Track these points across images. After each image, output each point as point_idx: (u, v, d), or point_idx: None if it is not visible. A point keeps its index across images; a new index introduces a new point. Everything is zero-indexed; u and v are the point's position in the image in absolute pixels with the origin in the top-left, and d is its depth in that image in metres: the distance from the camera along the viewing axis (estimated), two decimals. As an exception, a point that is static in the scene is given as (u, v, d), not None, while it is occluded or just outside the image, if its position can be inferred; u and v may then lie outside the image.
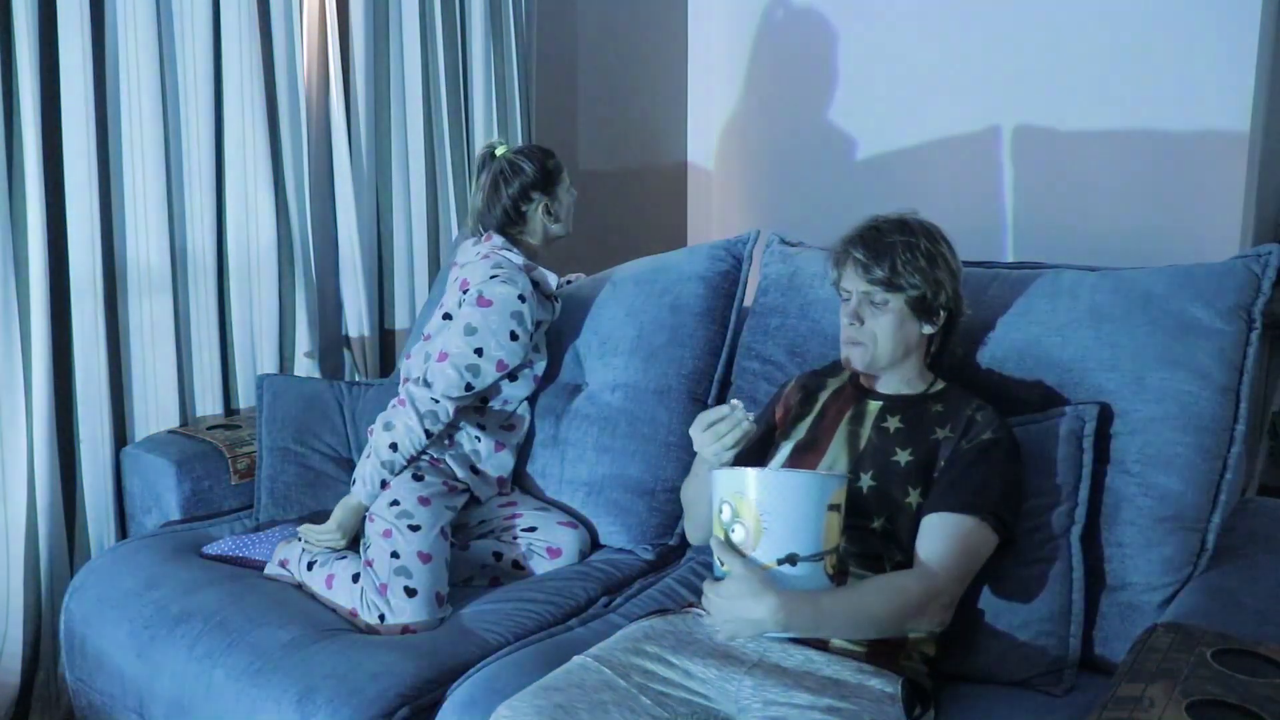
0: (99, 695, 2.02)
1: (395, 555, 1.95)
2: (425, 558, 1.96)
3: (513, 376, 2.21)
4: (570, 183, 2.29)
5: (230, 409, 2.60)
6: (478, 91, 3.00)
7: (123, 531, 2.39)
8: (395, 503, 2.03)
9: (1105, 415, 1.74)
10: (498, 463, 2.22)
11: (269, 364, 2.62)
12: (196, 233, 2.48)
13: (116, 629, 1.97)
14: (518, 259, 2.18)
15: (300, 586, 2.03)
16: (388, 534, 1.99)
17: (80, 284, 2.28)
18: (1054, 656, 1.65)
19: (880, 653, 1.55)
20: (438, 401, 2.08)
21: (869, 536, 1.62)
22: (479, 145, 3.01)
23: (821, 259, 2.12)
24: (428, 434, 2.08)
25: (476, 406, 2.21)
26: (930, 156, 3.37)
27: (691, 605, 1.70)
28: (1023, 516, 1.67)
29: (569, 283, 2.52)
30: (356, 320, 2.81)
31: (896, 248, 1.64)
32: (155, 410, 2.45)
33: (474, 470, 2.19)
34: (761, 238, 2.32)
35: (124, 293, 2.37)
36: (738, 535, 1.47)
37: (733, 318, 2.27)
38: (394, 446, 2.06)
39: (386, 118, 2.82)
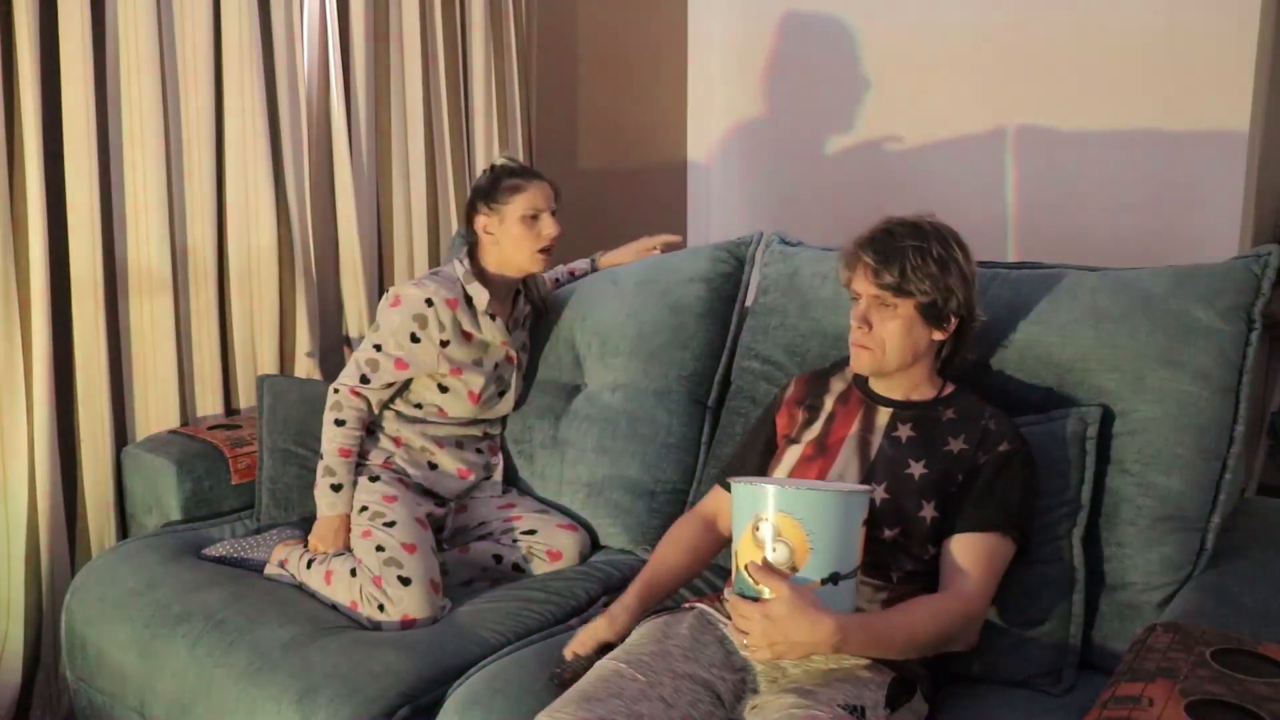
0: (100, 694, 2.02)
1: (381, 549, 1.99)
2: (410, 548, 1.99)
3: (443, 388, 2.21)
4: (531, 214, 2.16)
5: (231, 409, 2.60)
6: (478, 91, 3.00)
7: (123, 531, 2.39)
8: (364, 508, 2.08)
9: (1106, 416, 1.74)
10: (453, 458, 2.24)
11: (269, 364, 2.62)
12: (197, 233, 2.48)
13: (117, 628, 1.97)
14: (457, 271, 2.20)
15: (300, 586, 2.04)
16: (367, 534, 2.03)
17: (81, 284, 2.28)
18: (1054, 656, 1.65)
19: (879, 652, 1.55)
20: (337, 391, 2.16)
21: (878, 547, 1.61)
22: (479, 145, 3.02)
23: (821, 259, 2.13)
24: (337, 423, 2.14)
25: (411, 412, 2.23)
26: (930, 156, 3.37)
27: (693, 603, 1.70)
28: (1027, 519, 1.68)
29: (570, 277, 2.52)
30: (356, 320, 2.81)
31: (907, 252, 1.61)
32: (156, 410, 2.45)
33: (430, 466, 2.22)
34: (762, 239, 2.32)
35: (124, 293, 2.38)
36: (778, 554, 1.43)
37: (734, 319, 2.27)
38: (329, 442, 2.15)
39: (386, 118, 2.82)
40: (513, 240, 2.18)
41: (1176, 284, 1.78)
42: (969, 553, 1.56)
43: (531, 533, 2.16)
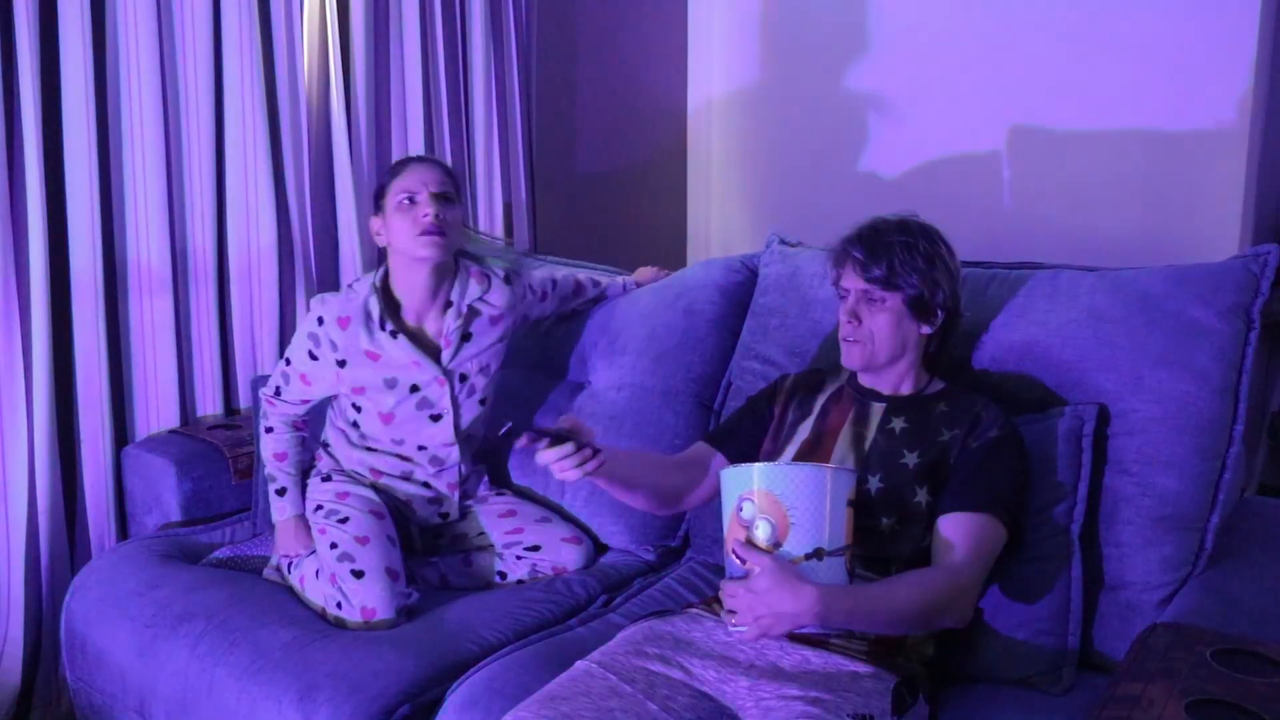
0: (100, 695, 2.02)
1: (334, 546, 1.97)
2: (363, 540, 1.97)
3: (357, 407, 2.09)
4: (407, 198, 1.97)
5: (230, 409, 2.60)
6: (478, 91, 3.00)
7: (123, 531, 2.39)
8: (319, 507, 2.06)
9: (1104, 415, 1.75)
10: (399, 492, 2.13)
11: (269, 364, 2.62)
12: (197, 233, 2.48)
13: (118, 628, 1.97)
14: (365, 285, 2.03)
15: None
16: (323, 531, 2.01)
17: (81, 284, 2.28)
18: (1053, 655, 1.65)
19: (879, 653, 1.55)
20: (263, 399, 2.14)
21: (876, 537, 1.62)
22: (479, 144, 3.02)
23: (821, 259, 2.13)
24: (267, 431, 2.12)
25: (350, 432, 2.14)
26: (929, 156, 3.37)
27: (691, 606, 1.70)
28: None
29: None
30: (357, 320, 2.80)
31: (895, 247, 1.66)
32: (156, 410, 2.45)
33: (374, 470, 2.13)
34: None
35: (124, 293, 2.38)
36: (761, 532, 1.47)
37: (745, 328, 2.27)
38: (264, 450, 2.14)
39: (386, 118, 2.82)
40: (396, 234, 1.98)
41: (1175, 284, 1.78)
42: (956, 530, 1.58)
43: (535, 549, 2.13)
